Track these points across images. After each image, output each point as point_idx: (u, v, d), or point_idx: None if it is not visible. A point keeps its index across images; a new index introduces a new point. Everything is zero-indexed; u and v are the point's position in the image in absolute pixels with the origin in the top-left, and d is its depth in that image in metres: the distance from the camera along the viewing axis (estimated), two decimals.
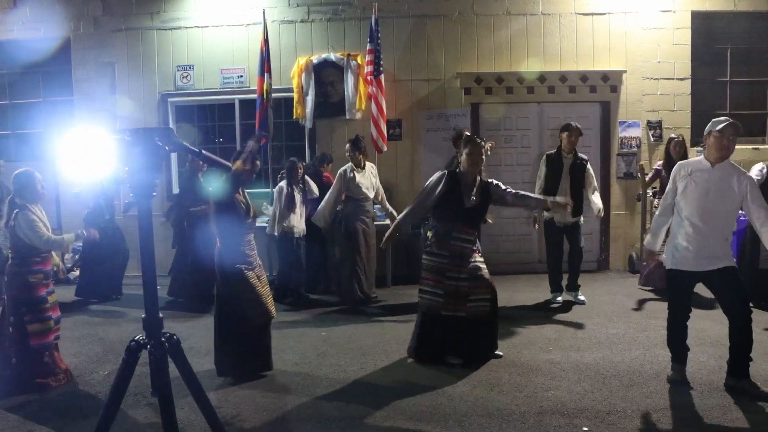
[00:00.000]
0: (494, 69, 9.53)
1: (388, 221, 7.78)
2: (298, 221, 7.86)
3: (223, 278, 5.06)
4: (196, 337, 6.31)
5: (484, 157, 5.46)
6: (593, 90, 9.47)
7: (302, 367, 5.45)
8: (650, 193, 8.56)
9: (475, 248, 5.44)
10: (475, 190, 5.41)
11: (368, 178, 7.77)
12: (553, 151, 7.55)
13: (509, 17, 9.56)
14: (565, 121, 7.66)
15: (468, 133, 5.86)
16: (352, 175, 7.64)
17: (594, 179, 7.55)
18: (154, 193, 2.73)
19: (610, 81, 9.44)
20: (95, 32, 10.23)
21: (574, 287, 7.62)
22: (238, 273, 5.01)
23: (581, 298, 7.53)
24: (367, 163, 7.85)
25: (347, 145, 7.80)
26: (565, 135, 7.42)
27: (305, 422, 4.32)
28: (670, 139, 7.97)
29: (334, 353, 5.84)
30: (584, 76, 9.42)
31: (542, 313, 7.17)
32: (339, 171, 7.73)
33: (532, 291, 8.18)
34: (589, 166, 7.53)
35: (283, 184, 7.89)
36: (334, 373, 5.30)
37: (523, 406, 4.46)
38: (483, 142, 5.52)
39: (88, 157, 2.76)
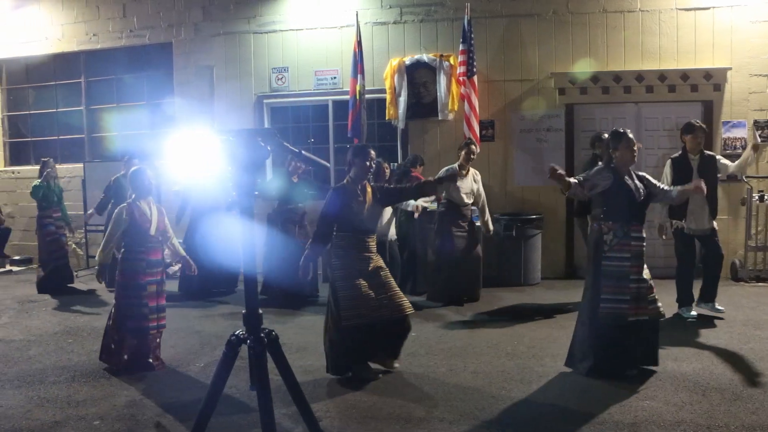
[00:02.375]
0: (589, 68, 9.32)
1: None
2: (383, 224, 7.86)
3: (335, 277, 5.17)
4: (289, 334, 6.46)
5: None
6: (694, 89, 9.11)
7: None
8: (756, 197, 8.18)
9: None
10: (637, 183, 5.22)
11: (469, 184, 7.77)
12: (677, 154, 7.05)
13: (605, 15, 9.32)
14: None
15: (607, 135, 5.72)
16: None
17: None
18: (256, 192, 2.82)
19: (714, 79, 9.06)
20: (195, 37, 10.65)
21: (711, 297, 7.04)
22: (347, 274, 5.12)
23: (719, 308, 7.01)
24: (471, 169, 7.83)
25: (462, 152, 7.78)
26: (689, 137, 6.88)
27: (393, 422, 4.35)
28: None
29: (423, 353, 5.85)
30: (685, 75, 9.08)
31: None
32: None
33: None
34: (718, 156, 7.08)
35: None
36: (423, 374, 5.31)
37: (617, 415, 4.35)
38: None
39: (192, 157, 2.87)
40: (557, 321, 6.98)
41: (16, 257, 11.73)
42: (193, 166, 2.91)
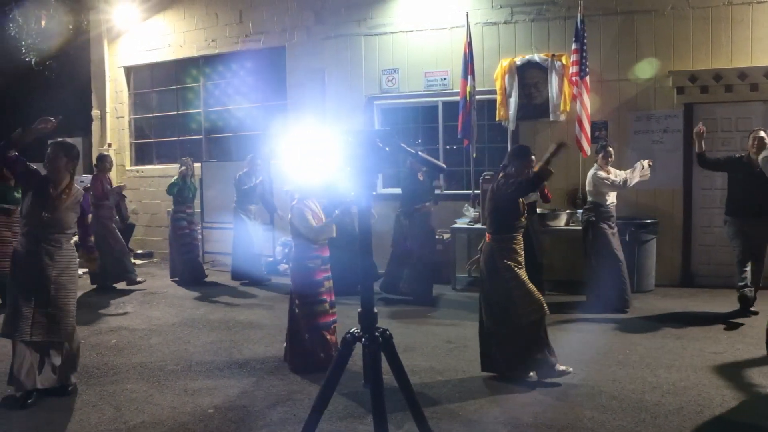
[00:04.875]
0: (711, 66, 8.87)
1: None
2: None
3: (494, 274, 5.14)
4: (404, 334, 6.52)
5: None
6: None
7: None
8: None
9: None
10: None
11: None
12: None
13: (731, 8, 8.84)
14: None
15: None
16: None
17: None
18: (374, 193, 2.86)
19: None
20: (307, 41, 10.95)
21: None
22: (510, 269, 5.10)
23: None
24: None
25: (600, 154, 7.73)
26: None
27: (501, 426, 4.33)
28: None
29: None
30: None
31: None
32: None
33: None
34: None
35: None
36: (527, 379, 5.23)
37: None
38: None
39: (310, 157, 2.94)
40: (672, 331, 6.70)
41: (139, 251, 12.42)
42: (311, 165, 3.00)
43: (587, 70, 8.82)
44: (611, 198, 7.67)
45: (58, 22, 14.44)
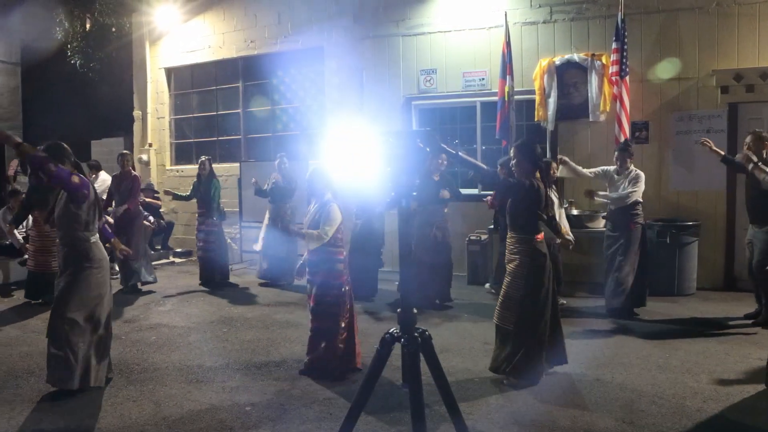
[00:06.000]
0: (758, 64, 8.66)
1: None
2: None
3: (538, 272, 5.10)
4: (440, 334, 6.50)
5: None
6: None
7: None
8: None
9: None
10: None
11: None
12: None
13: None
14: None
15: None
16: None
17: None
18: (415, 193, 2.85)
19: None
20: (346, 41, 10.98)
21: None
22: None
23: None
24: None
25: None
26: None
27: (536, 429, 4.30)
28: None
29: (568, 360, 5.69)
30: None
31: None
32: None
33: None
34: None
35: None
36: (568, 382, 5.19)
37: None
38: None
39: (350, 156, 2.95)
40: (714, 335, 6.56)
41: (178, 249, 12.61)
42: (351, 165, 3.00)
43: (627, 69, 8.69)
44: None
45: (101, 25, 14.78)
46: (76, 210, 4.94)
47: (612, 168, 7.57)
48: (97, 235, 5.17)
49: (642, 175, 7.46)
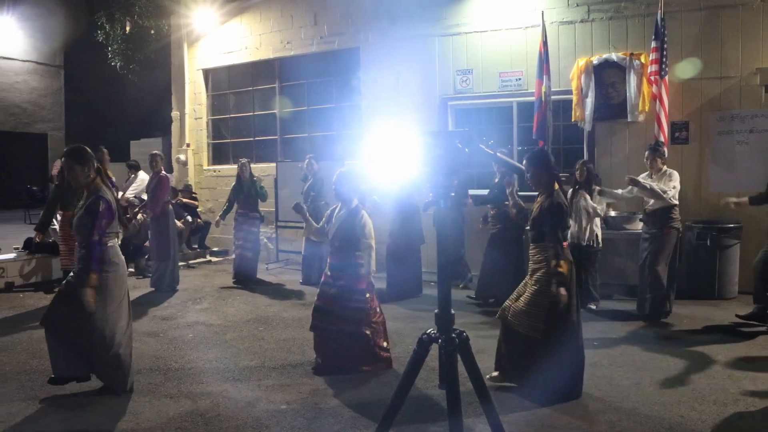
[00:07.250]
0: None
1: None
2: (579, 228, 7.61)
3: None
4: (477, 335, 6.45)
5: None
6: None
7: None
8: None
9: None
10: None
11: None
12: None
13: None
14: None
15: None
16: None
17: None
18: (453, 194, 2.83)
19: None
20: (382, 42, 10.99)
21: None
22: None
23: None
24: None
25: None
26: None
27: None
28: None
29: (606, 364, 5.65)
30: None
31: None
32: None
33: None
34: None
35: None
36: (606, 386, 5.13)
37: None
38: None
39: (388, 157, 2.94)
40: (757, 340, 6.42)
41: (215, 249, 12.75)
42: (390, 166, 3.00)
43: (667, 68, 8.54)
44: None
45: (140, 28, 15.05)
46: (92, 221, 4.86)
47: (644, 175, 7.41)
48: (116, 239, 5.06)
49: (676, 173, 7.27)
